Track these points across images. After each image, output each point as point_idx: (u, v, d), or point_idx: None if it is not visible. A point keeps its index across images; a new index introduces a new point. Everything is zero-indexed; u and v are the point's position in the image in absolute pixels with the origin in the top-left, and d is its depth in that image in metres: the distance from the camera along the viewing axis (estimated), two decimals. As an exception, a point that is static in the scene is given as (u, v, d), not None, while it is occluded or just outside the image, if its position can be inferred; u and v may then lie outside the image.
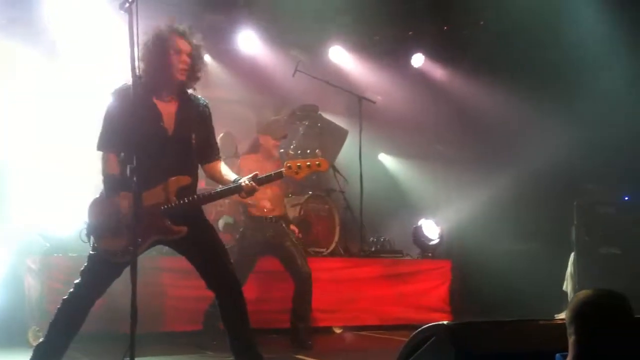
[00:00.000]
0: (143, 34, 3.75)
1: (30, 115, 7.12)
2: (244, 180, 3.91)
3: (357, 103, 7.66)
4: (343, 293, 6.85)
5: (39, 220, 6.27)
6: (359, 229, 7.60)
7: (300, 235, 6.45)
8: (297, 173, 4.03)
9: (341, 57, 9.20)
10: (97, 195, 3.94)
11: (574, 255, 7.05)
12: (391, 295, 7.09)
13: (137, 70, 3.47)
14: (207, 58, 8.47)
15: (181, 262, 4.29)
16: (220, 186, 4.07)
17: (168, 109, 3.93)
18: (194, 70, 3.96)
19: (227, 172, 4.08)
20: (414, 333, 2.75)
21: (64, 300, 3.91)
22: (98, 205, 3.89)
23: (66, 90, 7.32)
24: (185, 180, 3.89)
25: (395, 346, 3.30)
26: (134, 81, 3.47)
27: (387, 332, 6.72)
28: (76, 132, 7.17)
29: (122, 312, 3.53)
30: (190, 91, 4.06)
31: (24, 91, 7.12)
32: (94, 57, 7.43)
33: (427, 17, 8.96)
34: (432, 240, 7.80)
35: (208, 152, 4.08)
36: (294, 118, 7.99)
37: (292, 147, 7.44)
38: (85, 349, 4.80)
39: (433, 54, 9.31)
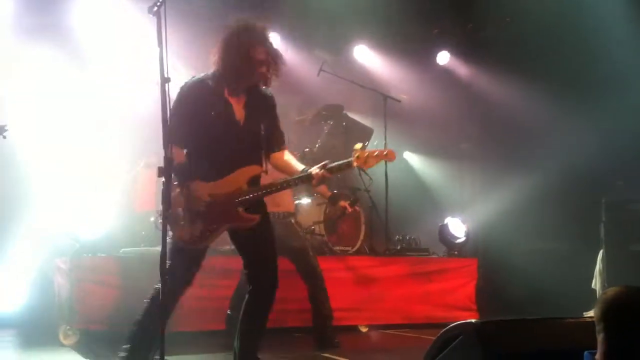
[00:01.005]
0: (220, 29, 4.01)
1: (57, 118, 7.23)
2: (315, 169, 3.96)
3: (382, 102, 7.65)
4: (369, 292, 6.84)
5: (69, 221, 6.37)
6: (385, 228, 7.59)
7: (350, 210, 6.45)
8: (365, 162, 4.03)
9: (366, 56, 9.20)
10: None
11: (603, 252, 6.98)
12: (417, 293, 7.08)
13: (165, 73, 3.44)
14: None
15: (210, 261, 4.34)
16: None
17: (238, 101, 4.02)
18: (269, 78, 4.04)
19: (294, 161, 4.17)
20: (441, 332, 2.75)
21: (152, 294, 3.94)
22: (175, 194, 3.89)
23: (92, 93, 7.43)
24: (256, 169, 4.02)
25: (422, 345, 3.29)
26: (162, 83, 3.46)
27: (414, 330, 6.69)
28: (105, 135, 7.29)
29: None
30: None
31: (49, 94, 7.23)
32: (120, 60, 7.53)
33: (452, 15, 8.93)
34: (459, 238, 7.77)
35: (274, 141, 4.16)
36: (319, 118, 8.01)
37: (317, 146, 7.46)
38: (113, 347, 4.86)
39: (458, 52, 9.27)
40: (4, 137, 4.96)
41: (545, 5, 7.58)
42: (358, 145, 4.08)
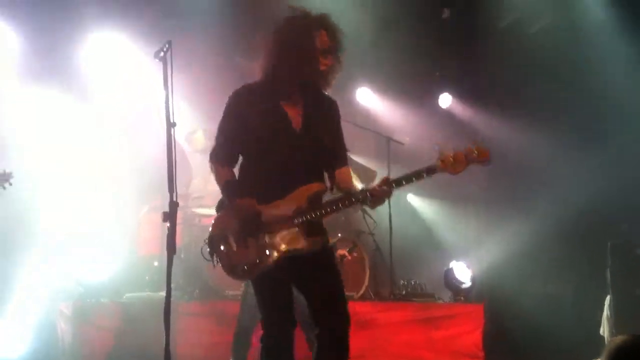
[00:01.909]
0: (270, 24, 3.47)
1: (61, 160, 7.27)
2: (375, 185, 3.37)
3: (386, 144, 7.67)
4: (374, 338, 6.73)
5: (72, 265, 6.34)
6: (389, 272, 7.53)
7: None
8: (453, 167, 3.42)
9: (369, 98, 9.25)
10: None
11: (610, 297, 6.90)
12: (423, 340, 6.95)
13: (171, 117, 3.42)
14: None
15: (216, 306, 4.25)
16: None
17: (295, 107, 3.50)
18: (333, 72, 3.51)
19: (355, 180, 3.71)
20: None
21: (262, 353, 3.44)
22: (221, 217, 3.53)
23: (97, 136, 7.48)
24: (318, 187, 3.44)
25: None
26: (167, 126, 3.45)
27: (420, 378, 6.58)
28: (109, 178, 7.30)
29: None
30: None
31: (55, 135, 7.28)
32: (126, 103, 7.60)
33: (454, 58, 9.02)
34: (464, 283, 7.68)
35: (338, 155, 3.60)
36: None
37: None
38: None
39: (460, 94, 9.32)
40: (10, 184, 4.95)
41: (549, 46, 7.65)
42: (442, 149, 3.41)
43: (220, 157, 3.55)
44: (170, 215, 3.41)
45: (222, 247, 3.44)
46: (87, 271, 6.23)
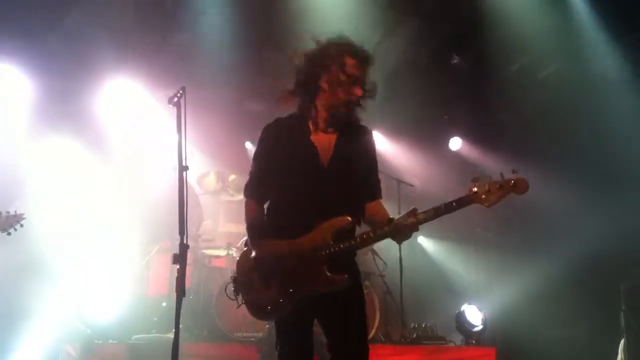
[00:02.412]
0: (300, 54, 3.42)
1: (72, 200, 7.33)
2: (403, 219, 3.22)
3: (396, 186, 7.68)
4: (384, 381, 6.66)
5: (80, 305, 6.32)
6: (400, 314, 7.46)
7: None
8: (486, 199, 3.22)
9: (379, 141, 9.32)
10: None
11: (624, 341, 6.79)
12: (434, 383, 6.87)
13: (184, 160, 3.46)
14: (248, 145, 8.85)
15: (224, 348, 4.22)
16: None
17: (326, 140, 3.41)
18: (367, 94, 3.42)
19: (386, 212, 3.45)
20: None
21: None
22: (245, 256, 3.45)
23: (109, 178, 7.55)
24: (344, 221, 3.27)
25: None
26: (180, 170, 3.50)
27: (431, 423, 6.47)
28: (119, 220, 7.34)
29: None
30: None
31: (65, 176, 7.36)
32: (138, 146, 7.70)
33: (464, 101, 9.10)
34: (476, 326, 7.60)
35: (369, 189, 3.50)
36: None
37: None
38: None
39: (470, 137, 9.36)
40: (22, 226, 4.98)
41: (558, 91, 7.70)
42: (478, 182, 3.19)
43: (249, 193, 3.52)
44: (180, 258, 3.42)
45: (246, 289, 3.38)
46: (94, 312, 6.20)
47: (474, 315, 7.66)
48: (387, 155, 9.26)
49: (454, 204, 3.26)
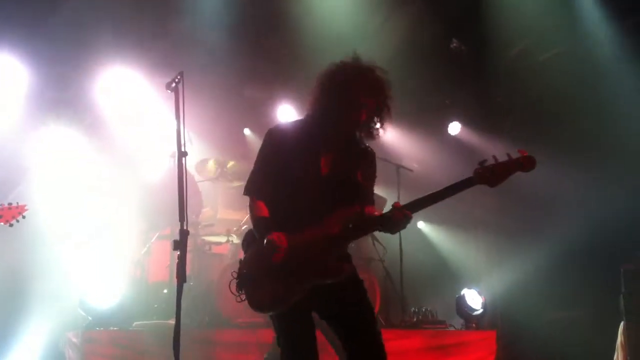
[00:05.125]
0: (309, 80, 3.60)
1: (72, 188, 7.33)
2: (395, 209, 3.34)
3: (395, 171, 7.67)
4: (385, 366, 6.67)
5: (81, 293, 6.34)
6: (400, 299, 7.47)
7: None
8: (490, 180, 3.32)
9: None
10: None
11: (624, 324, 6.81)
12: (435, 368, 6.90)
13: (183, 146, 3.51)
14: (247, 131, 8.83)
15: (225, 333, 4.23)
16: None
17: (331, 152, 3.55)
18: (370, 126, 3.58)
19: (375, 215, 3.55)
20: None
21: None
22: (251, 254, 3.50)
23: (108, 163, 7.55)
24: (345, 213, 3.42)
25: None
26: (179, 156, 3.51)
27: (432, 407, 6.51)
28: (119, 207, 7.34)
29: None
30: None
31: (66, 163, 7.36)
32: (136, 132, 7.68)
33: (463, 86, 9.06)
34: (476, 310, 7.61)
35: (363, 197, 3.60)
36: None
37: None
38: None
39: (469, 122, 9.34)
40: (24, 217, 4.98)
41: (558, 74, 7.67)
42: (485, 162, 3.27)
43: (254, 192, 3.57)
44: (180, 244, 3.43)
45: (252, 283, 3.41)
46: (95, 299, 6.21)
47: (474, 299, 7.68)
48: (385, 139, 9.22)
49: (461, 184, 3.39)
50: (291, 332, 3.42)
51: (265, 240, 3.35)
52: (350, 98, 3.46)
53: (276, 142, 3.57)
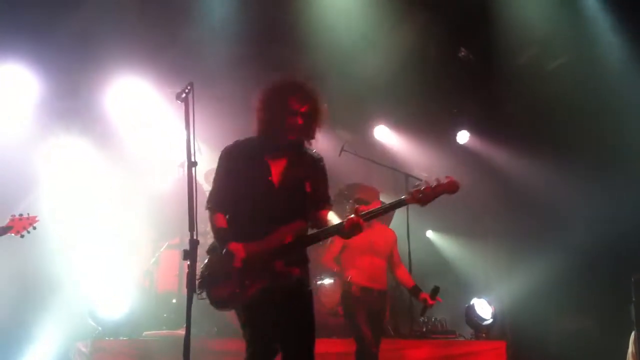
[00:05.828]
0: (258, 91, 3.92)
1: (83, 198, 7.35)
2: (349, 218, 3.65)
3: (404, 180, 7.67)
4: (394, 376, 6.65)
5: (91, 302, 6.35)
6: (409, 309, 7.45)
7: (431, 304, 6.06)
8: (420, 200, 3.73)
9: (386, 135, 9.30)
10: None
11: (635, 333, 6.76)
12: (445, 377, 6.87)
13: (193, 156, 3.58)
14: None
15: (235, 343, 4.24)
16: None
17: (279, 161, 3.89)
18: (308, 130, 3.91)
19: (334, 218, 3.87)
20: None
21: None
22: (211, 257, 3.86)
23: (118, 174, 7.56)
24: (296, 226, 3.79)
25: None
26: (189, 165, 3.54)
27: (442, 417, 6.47)
28: (129, 217, 7.35)
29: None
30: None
31: (76, 174, 7.38)
32: (146, 142, 7.70)
33: (471, 95, 9.06)
34: (486, 320, 7.58)
35: (316, 199, 3.94)
36: (340, 197, 8.00)
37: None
38: None
39: (478, 131, 9.33)
40: (34, 228, 5.00)
41: (567, 83, 7.66)
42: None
43: (213, 205, 3.90)
44: (190, 253, 3.43)
45: (212, 284, 3.77)
46: (105, 309, 6.22)
47: (484, 308, 7.65)
48: (394, 149, 9.24)
49: (392, 205, 3.79)
50: (250, 324, 3.83)
51: (224, 250, 3.70)
52: (286, 105, 3.83)
53: (231, 159, 3.92)
